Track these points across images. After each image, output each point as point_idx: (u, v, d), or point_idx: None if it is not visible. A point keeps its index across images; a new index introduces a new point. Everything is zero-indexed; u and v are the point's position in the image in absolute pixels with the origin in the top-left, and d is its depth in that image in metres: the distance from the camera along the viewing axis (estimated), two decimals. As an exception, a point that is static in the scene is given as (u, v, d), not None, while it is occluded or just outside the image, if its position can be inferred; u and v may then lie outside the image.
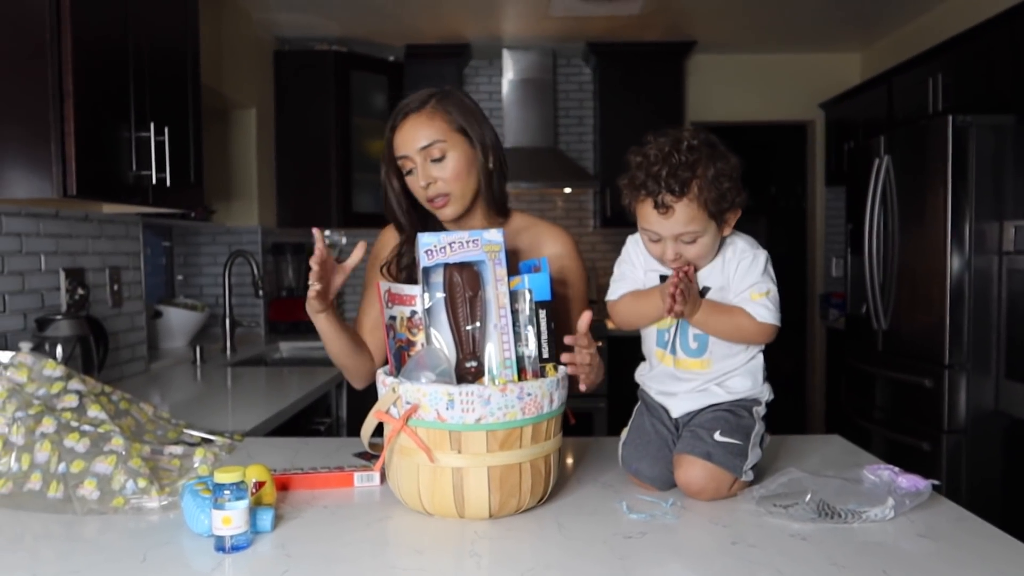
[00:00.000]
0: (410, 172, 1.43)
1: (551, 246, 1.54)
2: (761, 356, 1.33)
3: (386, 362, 1.34)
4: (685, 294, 1.21)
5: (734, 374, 1.31)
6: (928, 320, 3.04)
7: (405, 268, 1.51)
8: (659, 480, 1.28)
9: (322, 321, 1.44)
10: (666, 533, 1.11)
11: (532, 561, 1.01)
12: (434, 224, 1.51)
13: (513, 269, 1.27)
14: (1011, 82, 3.00)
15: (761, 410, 1.31)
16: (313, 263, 1.33)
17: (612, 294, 1.37)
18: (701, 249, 1.25)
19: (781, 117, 4.94)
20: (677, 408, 1.32)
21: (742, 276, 1.27)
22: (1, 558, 1.05)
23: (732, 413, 1.28)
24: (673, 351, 1.32)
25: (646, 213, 1.24)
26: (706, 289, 1.29)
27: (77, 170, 1.79)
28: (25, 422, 1.28)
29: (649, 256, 1.33)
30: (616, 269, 1.39)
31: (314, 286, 1.34)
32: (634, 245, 1.37)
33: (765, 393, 1.33)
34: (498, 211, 1.51)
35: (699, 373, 1.30)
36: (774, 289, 1.27)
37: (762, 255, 1.29)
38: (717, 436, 1.25)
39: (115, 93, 2.01)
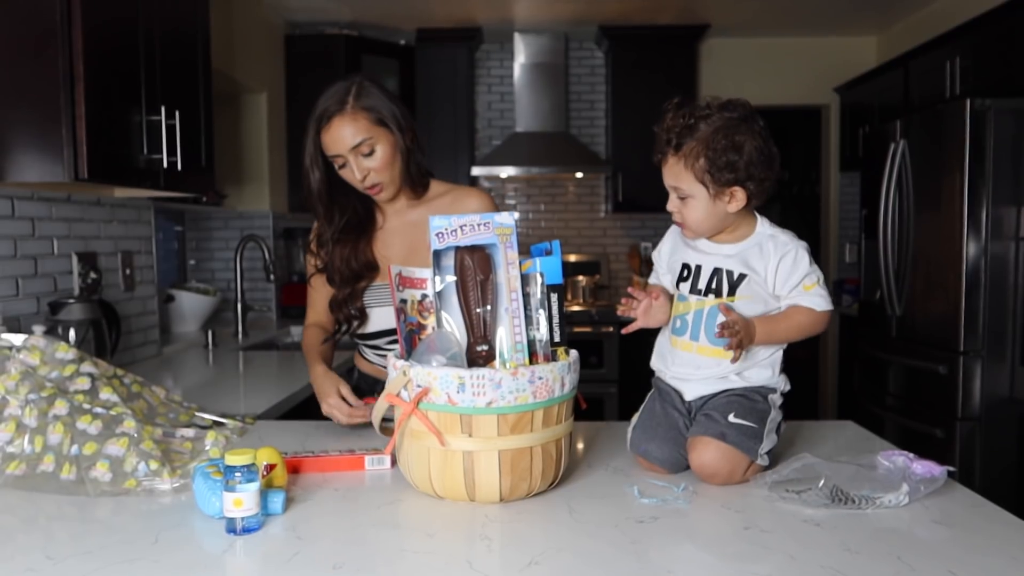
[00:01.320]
0: (343, 166, 1.54)
1: (471, 203, 1.65)
2: (782, 351, 1.32)
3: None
4: (743, 340, 1.22)
5: (754, 366, 1.30)
6: (943, 306, 3.01)
7: (325, 245, 1.62)
8: (667, 462, 1.28)
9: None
10: (678, 518, 1.10)
11: (543, 544, 1.01)
12: (357, 207, 1.63)
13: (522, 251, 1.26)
14: (1031, 65, 2.95)
15: (777, 399, 1.30)
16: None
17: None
18: (693, 213, 1.27)
19: (795, 101, 4.89)
20: (691, 391, 1.32)
21: (788, 271, 1.27)
22: (16, 539, 1.06)
23: (746, 398, 1.28)
24: (695, 337, 1.30)
25: (663, 167, 1.28)
26: (742, 276, 1.28)
27: (88, 153, 1.79)
28: (38, 404, 1.29)
29: (672, 256, 1.36)
30: (656, 256, 1.44)
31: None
32: (667, 243, 1.40)
33: (781, 383, 1.32)
34: (419, 182, 1.63)
35: (721, 361, 1.28)
36: (822, 276, 1.29)
37: (803, 247, 1.30)
38: (731, 418, 1.24)
39: (126, 77, 2.00)
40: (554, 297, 1.23)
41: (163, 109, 2.10)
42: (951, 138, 2.92)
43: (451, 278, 1.22)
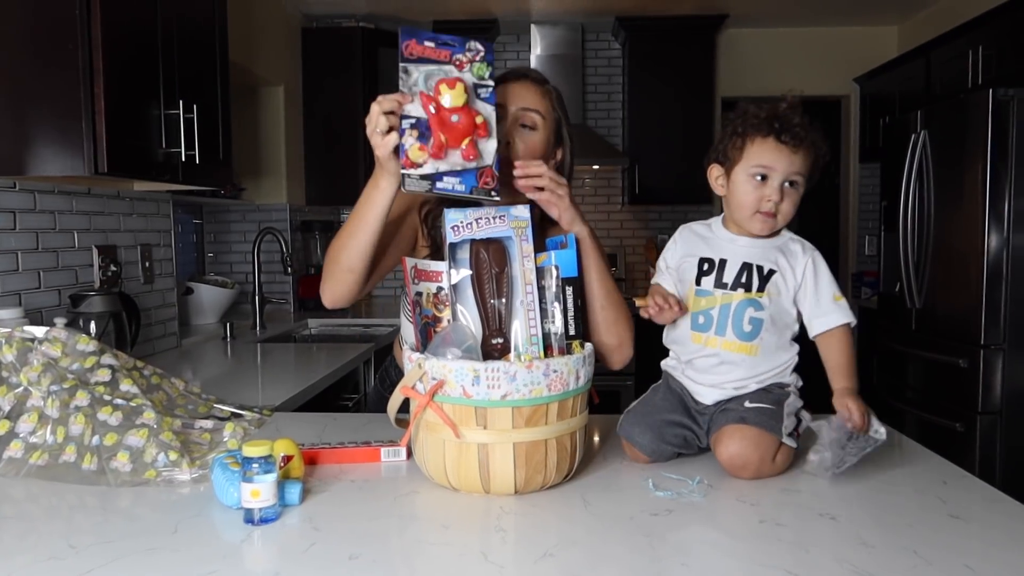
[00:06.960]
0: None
1: None
2: (797, 354, 1.33)
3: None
4: (864, 409, 1.27)
5: (779, 375, 1.30)
6: (964, 299, 2.98)
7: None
8: (648, 448, 1.28)
9: (390, 190, 1.26)
10: (693, 511, 1.10)
11: (558, 537, 1.01)
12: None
13: (540, 246, 1.26)
14: (1055, 54, 2.91)
15: (791, 389, 1.30)
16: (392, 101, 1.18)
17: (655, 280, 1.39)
18: (792, 204, 1.27)
19: (815, 92, 4.84)
20: (709, 396, 1.30)
21: (819, 276, 1.28)
22: (39, 527, 1.08)
23: (760, 389, 1.29)
24: (721, 332, 1.28)
25: (765, 148, 1.25)
26: (772, 272, 1.27)
27: (108, 148, 1.81)
28: (60, 395, 1.31)
29: (684, 256, 1.33)
30: (660, 259, 1.39)
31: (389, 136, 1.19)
32: (676, 243, 1.36)
33: (792, 380, 1.32)
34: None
35: (745, 358, 1.28)
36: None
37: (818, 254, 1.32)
38: (747, 404, 1.25)
39: (144, 71, 2.02)
40: (569, 290, 1.23)
41: (181, 103, 2.11)
42: (973, 128, 2.89)
43: (466, 271, 1.22)
